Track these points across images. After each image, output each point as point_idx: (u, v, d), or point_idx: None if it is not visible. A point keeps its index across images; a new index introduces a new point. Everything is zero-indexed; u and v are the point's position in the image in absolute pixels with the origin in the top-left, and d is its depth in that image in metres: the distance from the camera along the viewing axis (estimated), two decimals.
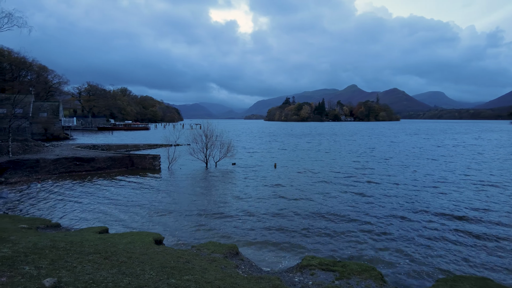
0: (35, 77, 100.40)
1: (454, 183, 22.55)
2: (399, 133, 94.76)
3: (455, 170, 28.00)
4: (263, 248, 11.11)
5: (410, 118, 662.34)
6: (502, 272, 9.57)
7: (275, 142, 62.90)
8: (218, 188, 21.31)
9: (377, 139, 68.64)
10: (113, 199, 18.41)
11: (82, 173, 28.24)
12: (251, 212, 15.51)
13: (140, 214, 15.29)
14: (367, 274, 7.54)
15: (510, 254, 10.83)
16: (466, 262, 10.14)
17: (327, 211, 15.60)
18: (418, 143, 57.76)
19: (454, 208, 16.36)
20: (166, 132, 35.76)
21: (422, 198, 18.25)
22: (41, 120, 65.44)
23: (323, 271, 7.81)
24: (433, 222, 14.00)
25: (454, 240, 11.88)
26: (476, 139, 67.02)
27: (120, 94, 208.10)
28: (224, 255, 8.63)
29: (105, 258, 6.78)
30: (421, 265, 9.84)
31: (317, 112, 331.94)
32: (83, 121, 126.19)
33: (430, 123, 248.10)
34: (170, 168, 29.50)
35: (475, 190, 20.33)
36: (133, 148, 47.26)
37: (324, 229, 13.07)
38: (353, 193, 19.58)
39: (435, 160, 34.57)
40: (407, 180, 23.49)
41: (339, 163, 32.84)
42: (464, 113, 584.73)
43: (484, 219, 14.47)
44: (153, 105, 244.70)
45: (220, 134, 32.39)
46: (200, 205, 17.00)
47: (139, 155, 31.67)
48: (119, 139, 68.22)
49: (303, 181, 23.30)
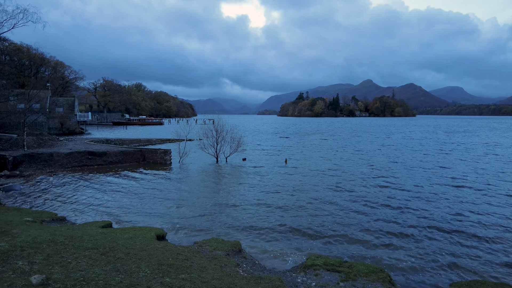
0: (52, 72, 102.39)
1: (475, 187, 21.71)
2: (418, 130, 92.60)
3: (482, 169, 27.02)
4: (269, 246, 10.79)
5: (427, 114, 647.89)
6: None
7: (286, 138, 62.36)
8: (227, 183, 21.12)
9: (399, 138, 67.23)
10: (122, 193, 18.44)
11: (94, 166, 28.53)
12: (259, 209, 15.22)
13: (147, 209, 15.21)
14: (374, 276, 7.15)
15: None
16: (483, 267, 9.59)
17: (338, 209, 15.16)
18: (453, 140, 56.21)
19: (475, 212, 15.70)
20: (178, 127, 35.74)
21: (441, 201, 17.56)
22: (57, 115, 66.71)
23: (328, 272, 7.45)
24: (451, 225, 13.36)
25: (471, 245, 11.25)
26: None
27: (135, 89, 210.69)
28: (226, 252, 8.37)
29: (102, 254, 6.62)
30: (433, 269, 9.34)
31: (331, 107, 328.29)
32: (98, 116, 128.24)
33: (449, 119, 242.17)
34: (181, 163, 29.51)
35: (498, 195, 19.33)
36: (145, 143, 47.61)
37: (333, 227, 12.65)
38: (367, 192, 18.98)
39: (463, 161, 33.51)
40: (428, 182, 22.74)
41: (353, 163, 32.21)
42: (484, 109, 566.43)
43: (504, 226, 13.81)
44: (168, 100, 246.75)
45: (231, 129, 32.16)
46: (208, 200, 16.82)
47: (151, 150, 31.80)
48: (133, 133, 69.02)
49: (314, 178, 22.84)
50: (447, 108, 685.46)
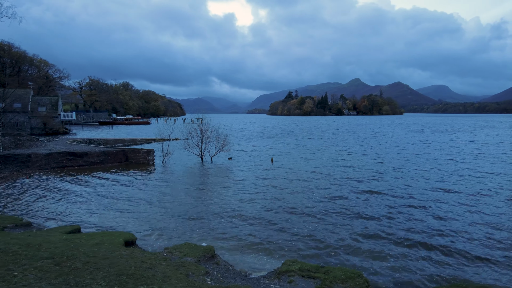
0: (35, 71, 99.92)
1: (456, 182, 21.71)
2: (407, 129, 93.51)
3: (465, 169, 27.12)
4: (247, 250, 10.32)
5: (414, 112, 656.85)
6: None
7: (273, 138, 62.13)
8: (209, 184, 20.59)
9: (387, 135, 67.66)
10: (99, 195, 17.75)
11: (75, 168, 27.64)
12: (241, 211, 14.73)
13: (122, 212, 14.58)
14: (351, 282, 6.77)
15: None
16: (464, 271, 9.35)
17: (321, 211, 14.77)
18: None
19: (458, 210, 15.59)
20: (163, 127, 35.01)
21: (423, 200, 17.43)
22: (40, 114, 65.03)
23: (303, 278, 7.03)
24: (431, 230, 13.14)
25: (454, 248, 11.01)
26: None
27: (122, 88, 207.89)
28: (197, 259, 7.89)
29: (57, 264, 6.08)
30: (413, 274, 9.03)
31: (320, 106, 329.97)
32: (84, 115, 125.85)
33: (435, 117, 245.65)
34: (164, 163, 28.85)
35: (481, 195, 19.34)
36: (130, 143, 46.65)
37: (314, 231, 12.25)
38: (352, 193, 18.70)
39: (451, 160, 33.65)
40: (411, 182, 22.67)
41: (340, 163, 32.09)
42: (469, 107, 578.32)
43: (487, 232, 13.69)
44: (156, 99, 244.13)
45: (216, 128, 31.62)
46: (187, 202, 16.26)
47: (133, 150, 31.04)
48: (119, 133, 67.74)
49: (300, 178, 22.47)
50: (433, 106, 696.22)
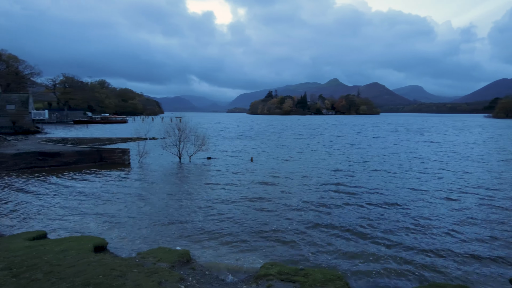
0: (3, 67, 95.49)
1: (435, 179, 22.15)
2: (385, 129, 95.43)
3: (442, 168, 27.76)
4: (225, 253, 9.99)
5: (391, 111, 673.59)
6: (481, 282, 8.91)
7: (253, 137, 62.01)
8: (187, 185, 20.08)
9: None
10: (69, 197, 16.91)
11: (46, 168, 26.39)
12: (219, 213, 14.35)
13: (94, 214, 13.91)
14: (331, 285, 6.60)
15: (486, 261, 10.24)
16: (443, 270, 9.41)
17: (300, 213, 14.57)
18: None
19: (436, 210, 15.85)
20: (140, 126, 34.15)
21: (403, 199, 17.64)
22: (9, 113, 62.10)
23: (282, 282, 6.80)
24: (411, 229, 13.25)
25: (432, 247, 11.11)
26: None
27: (98, 86, 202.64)
28: (172, 264, 7.52)
29: (15, 275, 5.58)
30: (394, 273, 9.00)
31: (299, 105, 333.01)
32: (58, 114, 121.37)
33: (412, 116, 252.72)
34: (141, 163, 28.04)
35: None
36: (106, 142, 45.21)
37: (294, 233, 12.07)
38: (332, 193, 18.66)
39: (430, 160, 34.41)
40: (391, 179, 22.97)
41: (321, 162, 32.25)
42: (442, 107, 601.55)
43: (465, 228, 13.96)
44: (133, 97, 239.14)
45: (195, 127, 31.05)
46: (164, 204, 15.72)
47: (108, 149, 30.04)
48: (94, 132, 65.66)
49: (279, 178, 22.29)
50: (409, 106, 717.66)
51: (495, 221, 13.28)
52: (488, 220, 13.39)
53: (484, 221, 13.35)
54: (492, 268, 9.34)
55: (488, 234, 11.85)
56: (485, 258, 9.92)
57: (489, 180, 21.15)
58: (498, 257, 10.00)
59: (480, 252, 10.36)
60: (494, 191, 18.41)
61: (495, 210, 14.78)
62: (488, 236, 11.67)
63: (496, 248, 10.69)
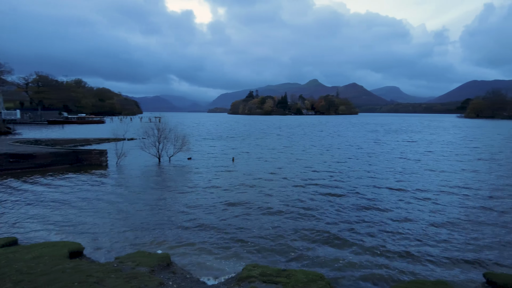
0: None
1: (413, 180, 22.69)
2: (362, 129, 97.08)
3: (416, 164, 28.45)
4: (206, 256, 9.86)
5: (369, 111, 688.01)
6: (458, 276, 9.18)
7: (235, 137, 61.84)
8: (167, 187, 19.72)
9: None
10: (44, 201, 16.28)
11: (18, 171, 25.32)
12: (199, 215, 14.18)
13: (70, 218, 13.44)
14: (314, 286, 6.62)
15: (463, 253, 10.56)
16: (422, 267, 9.62)
17: (281, 213, 14.57)
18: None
19: (411, 207, 16.22)
20: (118, 126, 33.35)
21: (382, 200, 17.99)
22: None
23: (264, 284, 6.76)
24: (389, 227, 13.54)
25: (409, 248, 11.35)
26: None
27: (75, 85, 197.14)
28: (151, 268, 7.34)
29: None
30: (374, 272, 9.14)
31: (280, 105, 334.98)
32: (31, 114, 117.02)
33: (389, 116, 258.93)
34: (119, 164, 27.36)
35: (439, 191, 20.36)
36: (82, 143, 43.93)
37: (275, 234, 12.03)
38: (311, 194, 18.77)
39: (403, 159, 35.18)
40: (368, 179, 23.35)
41: (301, 162, 32.46)
42: (417, 107, 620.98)
43: (438, 221, 14.35)
44: (111, 97, 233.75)
45: (174, 127, 30.59)
46: (143, 207, 15.38)
47: (85, 150, 29.16)
48: (70, 133, 63.63)
49: (260, 179, 22.27)
50: (386, 106, 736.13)
51: (472, 221, 13.73)
52: (465, 220, 13.83)
53: (461, 220, 13.79)
54: (467, 265, 9.64)
55: (464, 234, 12.24)
56: (460, 255, 10.24)
57: (465, 180, 21.88)
58: (474, 253, 10.35)
59: (455, 250, 10.68)
60: (470, 189, 19.09)
61: (472, 210, 15.28)
62: (463, 236, 12.07)
63: (471, 246, 11.05)
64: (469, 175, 23.31)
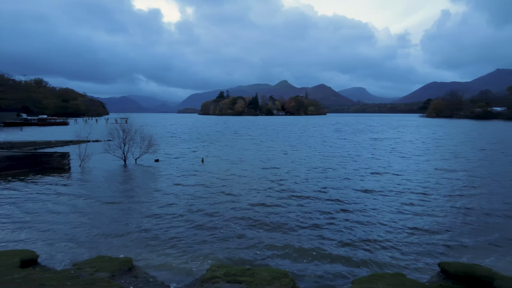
0: None
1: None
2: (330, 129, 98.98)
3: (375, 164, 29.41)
4: (170, 258, 9.68)
5: (337, 112, 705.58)
6: (414, 270, 9.59)
7: (204, 138, 61.25)
8: (131, 190, 19.15)
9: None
10: None
11: None
12: (164, 217, 13.89)
13: (25, 226, 12.71)
14: (277, 283, 6.68)
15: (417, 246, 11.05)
16: (381, 260, 9.98)
17: (248, 214, 14.58)
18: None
19: (370, 204, 16.75)
20: (82, 128, 32.02)
21: (346, 197, 18.46)
22: None
23: (228, 284, 6.74)
24: (349, 222, 13.92)
25: (369, 238, 11.76)
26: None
27: (35, 85, 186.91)
28: (112, 273, 7.10)
29: None
30: (336, 265, 9.39)
31: (251, 106, 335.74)
32: None
33: (357, 117, 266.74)
34: (82, 167, 26.27)
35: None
36: (43, 145, 41.84)
37: (241, 235, 12.03)
38: (278, 193, 18.93)
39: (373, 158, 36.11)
40: (336, 177, 23.86)
41: (269, 162, 32.67)
42: (383, 107, 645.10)
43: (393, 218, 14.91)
44: (75, 98, 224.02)
45: (141, 128, 29.81)
46: (106, 211, 14.85)
47: (46, 153, 27.76)
48: (30, 135, 60.31)
49: (228, 180, 22.12)
50: (353, 107, 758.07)
51: (431, 215, 14.44)
52: (425, 214, 14.51)
53: (421, 213, 14.46)
54: (424, 256, 10.11)
55: (421, 226, 12.84)
56: (417, 247, 10.73)
57: (428, 177, 22.95)
58: (430, 246, 10.88)
59: (414, 243, 11.18)
60: (431, 185, 20.05)
61: (433, 204, 16.05)
62: (420, 229, 12.65)
63: (428, 238, 11.62)
64: (433, 171, 24.53)
